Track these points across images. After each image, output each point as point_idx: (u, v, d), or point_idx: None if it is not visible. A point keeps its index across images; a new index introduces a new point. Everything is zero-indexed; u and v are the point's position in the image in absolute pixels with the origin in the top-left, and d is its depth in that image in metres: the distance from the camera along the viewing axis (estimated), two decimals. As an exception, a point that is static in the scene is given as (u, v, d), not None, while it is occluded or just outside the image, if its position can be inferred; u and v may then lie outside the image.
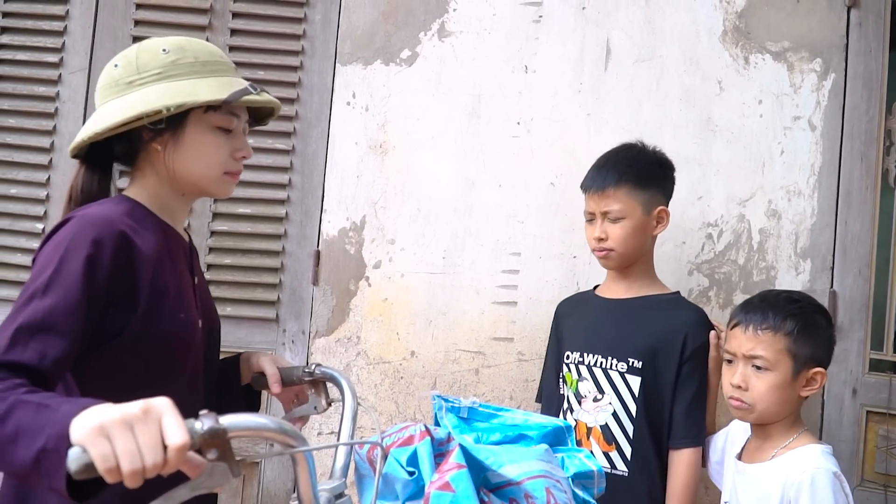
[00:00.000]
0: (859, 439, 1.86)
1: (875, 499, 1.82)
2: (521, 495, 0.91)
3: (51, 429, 0.77)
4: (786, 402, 1.39)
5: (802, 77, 1.98)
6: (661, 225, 1.68)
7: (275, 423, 0.78)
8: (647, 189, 1.64)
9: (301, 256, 2.10)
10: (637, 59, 2.03)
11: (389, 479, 0.96)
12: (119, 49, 2.11)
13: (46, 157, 2.16)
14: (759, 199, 1.97)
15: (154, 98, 1.09)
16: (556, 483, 0.94)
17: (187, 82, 1.12)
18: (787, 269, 1.94)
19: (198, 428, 0.72)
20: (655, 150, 1.71)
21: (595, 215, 1.66)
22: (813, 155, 1.96)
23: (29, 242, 2.14)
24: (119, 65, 1.15)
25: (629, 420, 1.59)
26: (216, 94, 1.12)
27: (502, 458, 0.94)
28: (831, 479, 1.29)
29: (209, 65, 1.17)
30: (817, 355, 1.38)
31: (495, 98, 2.07)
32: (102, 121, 1.10)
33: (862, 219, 1.91)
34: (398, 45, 2.10)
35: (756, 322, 1.40)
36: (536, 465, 0.95)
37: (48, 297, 0.97)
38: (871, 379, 1.87)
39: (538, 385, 1.87)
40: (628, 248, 1.64)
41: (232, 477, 0.74)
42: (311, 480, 0.83)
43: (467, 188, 2.06)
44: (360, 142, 2.09)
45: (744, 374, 1.40)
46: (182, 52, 1.15)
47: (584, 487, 1.05)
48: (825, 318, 1.43)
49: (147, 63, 1.13)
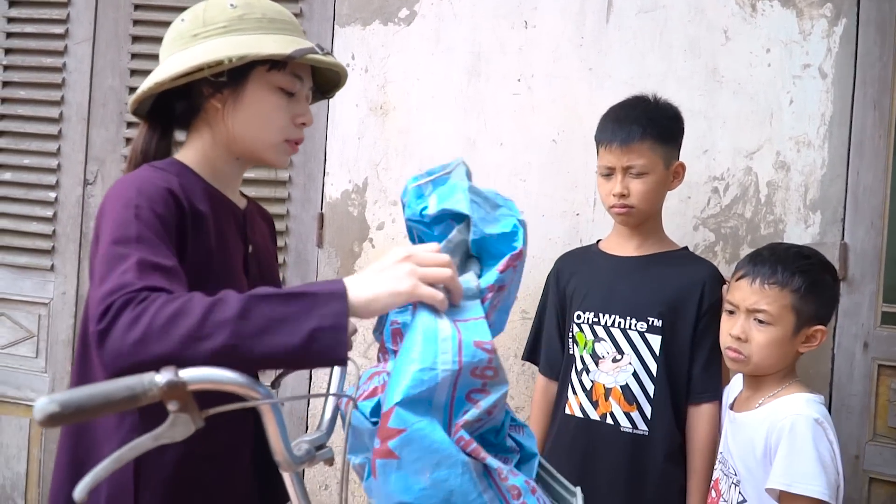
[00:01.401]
0: (871, 393, 1.82)
1: (888, 453, 1.78)
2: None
3: (321, 310, 0.83)
4: (783, 356, 1.37)
5: (812, 23, 1.91)
6: (678, 180, 1.66)
7: (236, 375, 0.79)
8: (667, 144, 1.61)
9: (305, 219, 2.11)
10: (640, 9, 1.98)
11: (358, 431, 0.95)
12: (122, 18, 2.17)
13: (56, 127, 2.20)
14: (766, 151, 1.92)
15: (217, 49, 1.06)
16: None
17: (252, 37, 1.09)
18: (795, 222, 1.90)
19: (158, 381, 0.74)
20: (669, 103, 1.67)
21: (615, 170, 1.60)
22: (823, 104, 1.89)
23: (43, 211, 2.19)
24: (185, 19, 1.13)
25: (650, 379, 1.58)
26: (281, 48, 1.08)
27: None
28: (812, 425, 1.27)
29: (276, 22, 1.14)
30: (821, 313, 1.36)
31: (495, 55, 2.04)
32: (163, 71, 1.09)
33: (874, 169, 1.84)
34: (396, 4, 2.08)
35: (764, 275, 1.36)
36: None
37: (136, 247, 0.94)
38: (884, 332, 1.82)
39: (526, 343, 1.86)
40: (649, 203, 1.61)
41: (194, 427, 0.76)
42: (281, 433, 0.84)
43: (468, 147, 2.04)
44: (361, 103, 2.08)
45: (744, 326, 1.38)
46: (250, 8, 1.12)
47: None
48: (832, 277, 1.40)
49: (214, 17, 1.10)
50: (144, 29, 2.16)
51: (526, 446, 1.00)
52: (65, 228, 2.20)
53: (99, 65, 2.18)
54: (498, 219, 0.98)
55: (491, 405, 0.87)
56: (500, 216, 0.98)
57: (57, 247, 2.20)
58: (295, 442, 0.92)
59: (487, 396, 0.87)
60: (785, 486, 1.25)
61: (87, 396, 0.71)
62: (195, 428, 0.76)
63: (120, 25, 2.18)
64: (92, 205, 2.20)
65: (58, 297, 2.21)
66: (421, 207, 0.99)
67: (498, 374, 0.87)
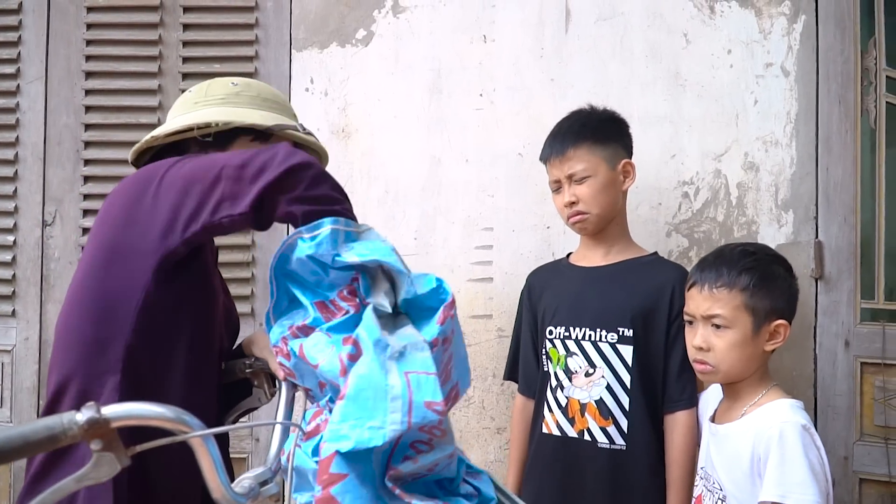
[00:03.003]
0: (855, 392, 1.79)
1: (876, 452, 1.75)
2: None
3: None
4: (749, 358, 1.34)
5: (772, 22, 1.89)
6: (629, 179, 1.63)
7: (165, 409, 0.74)
8: (606, 144, 1.60)
9: (271, 248, 2.06)
10: (598, 17, 1.96)
11: (301, 471, 0.92)
12: (73, 55, 2.12)
13: (11, 168, 2.14)
14: (734, 153, 1.90)
15: (209, 115, 1.18)
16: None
17: (243, 109, 1.21)
18: (768, 222, 1.87)
19: (78, 419, 0.69)
20: (606, 109, 1.67)
21: (561, 182, 1.62)
22: (788, 102, 1.88)
23: (2, 255, 2.13)
24: (192, 91, 1.25)
25: (624, 392, 1.54)
26: (263, 121, 1.19)
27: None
28: (800, 432, 1.24)
29: (269, 101, 1.25)
30: (777, 307, 1.33)
31: (455, 71, 2.01)
32: (161, 128, 1.20)
33: (844, 164, 1.83)
34: (353, 25, 2.05)
35: (712, 280, 1.36)
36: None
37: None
38: (864, 329, 1.79)
39: (506, 362, 1.82)
40: (601, 206, 1.59)
41: (119, 466, 0.71)
42: (217, 468, 0.79)
43: (434, 165, 2.01)
44: (322, 127, 2.04)
45: (704, 334, 1.36)
46: (248, 87, 1.25)
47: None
48: (783, 268, 1.37)
49: (215, 91, 1.23)
50: (97, 64, 2.11)
51: (483, 491, 0.98)
52: (24, 272, 2.14)
53: (53, 103, 2.13)
54: (420, 278, 0.97)
55: (431, 462, 0.86)
56: (418, 277, 0.98)
57: (18, 291, 2.14)
58: (238, 479, 0.88)
59: (430, 452, 0.85)
60: (780, 497, 1.22)
61: (4, 440, 0.68)
62: (121, 467, 0.72)
63: (72, 62, 2.13)
64: (51, 246, 2.14)
65: (20, 343, 2.14)
66: (334, 255, 0.95)
67: (446, 434, 0.85)
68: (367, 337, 0.87)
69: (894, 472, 1.72)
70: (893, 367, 1.75)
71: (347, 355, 0.87)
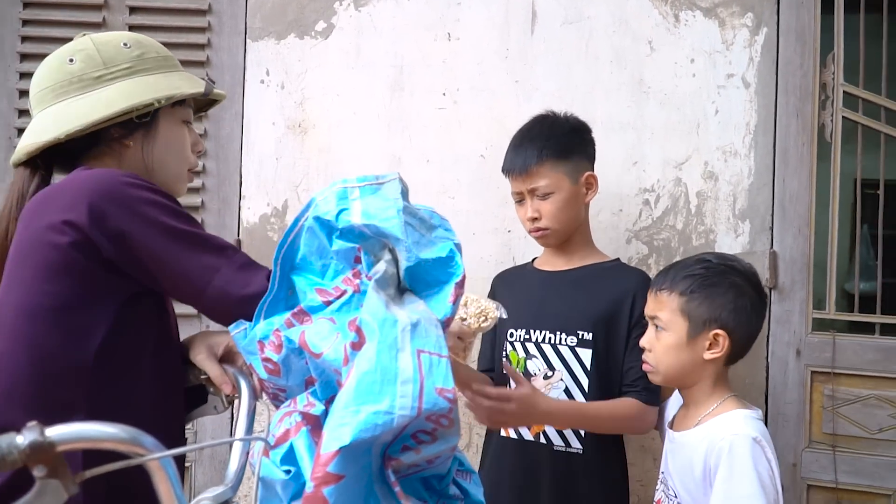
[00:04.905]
0: (805, 401, 1.83)
1: (824, 459, 1.79)
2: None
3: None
4: (687, 364, 1.34)
5: (734, 33, 1.91)
6: (592, 191, 1.62)
7: (118, 430, 0.69)
8: (569, 158, 1.58)
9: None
10: (564, 21, 1.94)
11: (269, 483, 0.86)
12: (9, 34, 1.97)
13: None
14: (695, 162, 1.91)
15: (136, 92, 1.07)
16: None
17: (160, 76, 1.12)
18: (725, 231, 1.89)
19: (19, 443, 0.63)
20: (569, 117, 1.65)
21: (523, 195, 1.60)
22: (748, 113, 1.90)
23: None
24: (75, 59, 1.09)
25: (581, 395, 1.54)
26: (195, 87, 1.14)
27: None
28: (750, 445, 1.24)
29: (169, 59, 1.17)
30: (716, 316, 1.32)
31: (418, 69, 1.96)
32: (75, 119, 1.04)
33: (799, 176, 1.86)
34: (312, 16, 1.98)
35: (658, 283, 1.39)
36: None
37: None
38: (815, 339, 1.83)
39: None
40: (564, 222, 1.59)
41: (66, 494, 0.65)
42: (175, 491, 0.73)
43: (394, 164, 1.95)
44: (278, 122, 1.96)
45: (648, 335, 1.39)
46: (143, 47, 1.13)
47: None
48: (735, 278, 1.35)
49: (114, 58, 1.09)
50: (34, 46, 1.98)
51: (472, 493, 0.95)
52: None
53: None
54: (433, 242, 0.92)
55: (433, 454, 0.81)
56: (435, 239, 0.92)
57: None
58: (195, 500, 0.82)
59: (433, 443, 0.80)
60: None
61: None
62: (68, 496, 0.66)
63: (6, 42, 1.99)
64: (-19, 239, 1.99)
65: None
66: (340, 209, 0.90)
67: (453, 425, 0.80)
68: (371, 320, 0.81)
69: (841, 479, 1.77)
70: (842, 376, 1.80)
71: (350, 343, 0.82)
